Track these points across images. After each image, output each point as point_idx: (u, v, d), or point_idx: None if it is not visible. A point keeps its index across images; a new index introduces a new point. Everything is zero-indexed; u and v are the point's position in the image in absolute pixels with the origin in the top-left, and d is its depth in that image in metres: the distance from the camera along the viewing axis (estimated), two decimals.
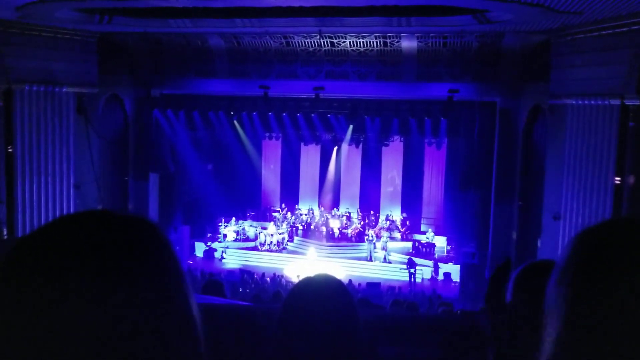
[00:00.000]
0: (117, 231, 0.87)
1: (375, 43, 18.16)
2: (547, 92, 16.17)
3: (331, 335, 1.85)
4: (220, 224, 23.42)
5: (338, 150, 23.59)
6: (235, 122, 20.25)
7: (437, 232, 22.32)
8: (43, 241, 0.86)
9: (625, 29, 13.16)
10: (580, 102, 14.86)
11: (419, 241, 21.94)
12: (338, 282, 2.00)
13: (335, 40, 18.30)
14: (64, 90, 17.69)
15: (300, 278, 2.08)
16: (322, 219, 23.83)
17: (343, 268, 20.00)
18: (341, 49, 18.64)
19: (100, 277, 0.81)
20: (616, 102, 13.80)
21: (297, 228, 23.57)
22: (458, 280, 19.27)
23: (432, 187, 23.33)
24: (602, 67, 14.10)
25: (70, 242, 0.84)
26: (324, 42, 18.38)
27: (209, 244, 21.92)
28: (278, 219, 23.85)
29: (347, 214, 24.05)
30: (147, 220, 0.92)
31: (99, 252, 0.83)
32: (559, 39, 15.49)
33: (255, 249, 22.74)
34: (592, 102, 14.47)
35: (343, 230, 23.01)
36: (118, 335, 0.80)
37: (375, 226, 22.98)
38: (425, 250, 21.36)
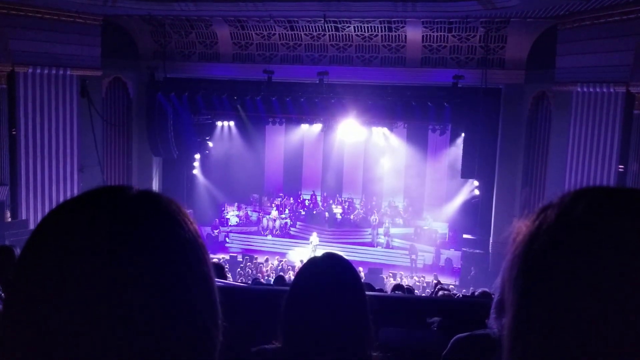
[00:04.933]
0: (136, 207, 0.88)
1: (379, 28, 18.06)
2: (552, 79, 16.10)
3: (339, 313, 1.87)
4: (223, 208, 23.49)
5: (341, 136, 23.53)
6: (238, 106, 20.18)
7: (439, 219, 22.36)
8: (63, 219, 0.86)
9: (632, 15, 13.07)
10: (585, 89, 14.80)
11: (421, 227, 22.01)
12: (345, 262, 2.02)
13: (339, 25, 18.20)
14: (68, 73, 17.67)
15: (308, 259, 2.10)
16: (325, 204, 23.89)
17: (345, 253, 20.03)
18: (345, 34, 18.54)
19: (119, 254, 0.82)
20: (621, 89, 13.74)
21: (299, 213, 23.64)
22: (459, 267, 19.34)
23: (435, 173, 23.31)
24: (608, 55, 14.02)
25: (89, 219, 0.84)
26: (328, 26, 18.28)
27: (215, 232, 21.98)
28: (281, 204, 23.90)
29: (350, 199, 24.09)
30: (162, 195, 0.92)
31: (118, 228, 0.83)
32: (565, 25, 15.39)
33: (258, 233, 22.83)
34: (597, 89, 14.41)
35: (345, 216, 23.07)
36: (139, 306, 0.81)
37: (377, 212, 23.02)
38: (427, 236, 21.43)
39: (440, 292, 8.32)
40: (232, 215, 23.34)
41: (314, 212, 23.38)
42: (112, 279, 0.80)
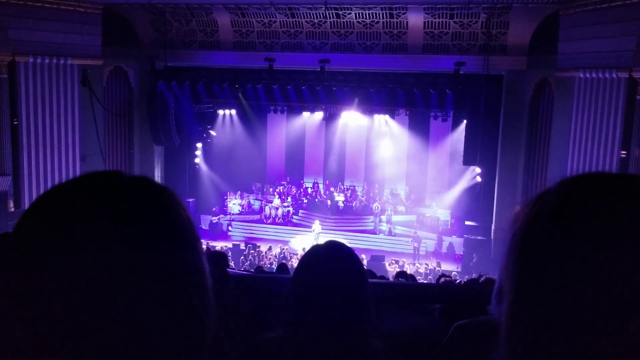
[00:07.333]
0: (126, 192, 0.87)
1: (381, 15, 17.95)
2: (554, 65, 16.02)
3: (341, 301, 1.88)
4: (225, 197, 23.51)
5: (343, 124, 23.49)
6: (240, 94, 20.12)
7: (441, 205, 22.37)
8: (53, 204, 0.86)
9: (635, 0, 12.96)
10: (587, 75, 14.73)
11: (423, 214, 22.03)
12: (347, 249, 2.03)
13: (340, 12, 18.10)
14: (68, 62, 17.64)
15: (310, 246, 2.11)
16: (327, 192, 23.90)
17: (347, 241, 20.04)
18: (347, 21, 18.44)
19: (108, 239, 0.81)
20: (624, 75, 13.68)
21: (302, 201, 23.66)
22: (461, 253, 19.38)
23: (437, 160, 23.29)
24: (611, 40, 13.93)
25: (79, 203, 0.84)
26: (329, 13, 18.18)
27: (214, 219, 22.02)
28: (283, 192, 23.92)
29: (352, 187, 24.10)
30: (154, 181, 0.92)
31: (107, 214, 0.83)
32: (568, 10, 15.28)
33: (260, 221, 22.86)
34: (600, 75, 14.34)
35: (348, 204, 23.08)
36: (127, 290, 0.81)
37: (380, 199, 23.04)
38: (429, 223, 21.44)
39: (442, 279, 8.36)
40: (235, 203, 23.37)
41: (316, 200, 23.40)
42: (100, 265, 0.80)
